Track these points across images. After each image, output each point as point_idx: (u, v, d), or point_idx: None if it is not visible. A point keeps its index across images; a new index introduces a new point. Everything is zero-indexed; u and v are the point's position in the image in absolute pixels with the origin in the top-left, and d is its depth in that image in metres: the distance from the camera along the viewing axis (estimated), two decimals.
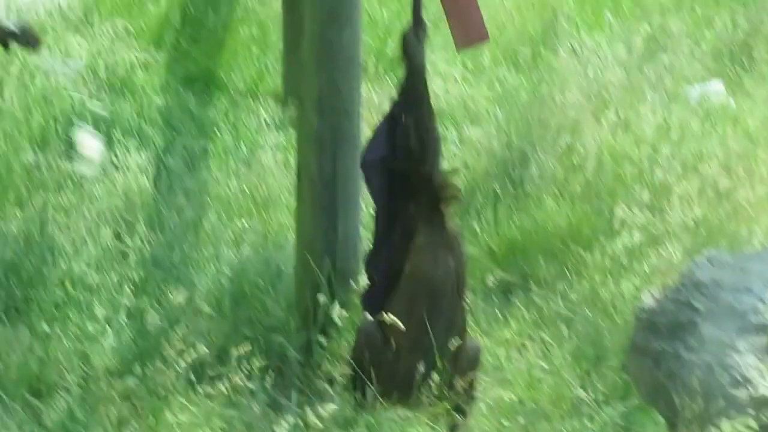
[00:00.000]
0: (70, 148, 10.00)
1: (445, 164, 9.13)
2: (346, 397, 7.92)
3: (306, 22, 8.45)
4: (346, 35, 8.41)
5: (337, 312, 8.01)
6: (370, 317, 8.03)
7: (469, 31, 8.27)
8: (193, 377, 7.77)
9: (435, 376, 7.81)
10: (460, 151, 9.91)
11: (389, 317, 7.84)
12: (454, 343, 7.89)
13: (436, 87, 10.71)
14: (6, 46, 8.22)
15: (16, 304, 8.58)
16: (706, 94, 10.48)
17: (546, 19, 11.63)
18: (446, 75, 11.04)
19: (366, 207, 8.76)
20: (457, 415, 7.90)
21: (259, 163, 9.98)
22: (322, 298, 8.17)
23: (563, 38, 11.14)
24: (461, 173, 9.40)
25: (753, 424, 6.94)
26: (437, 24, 10.58)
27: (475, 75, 11.02)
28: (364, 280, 8.17)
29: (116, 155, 10.02)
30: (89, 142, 10.07)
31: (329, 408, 7.58)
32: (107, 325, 8.36)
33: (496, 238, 9.05)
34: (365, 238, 8.60)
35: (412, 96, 8.00)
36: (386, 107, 8.15)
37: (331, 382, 8.02)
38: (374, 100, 8.35)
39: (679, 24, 11.47)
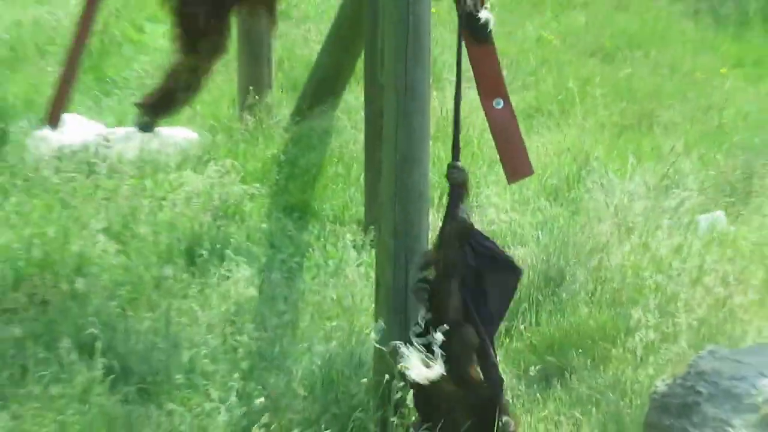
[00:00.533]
0: (191, 264, 10.29)
1: None
2: None
3: (384, 163, 8.61)
4: (416, 174, 8.44)
5: (409, 396, 7.93)
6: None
7: (517, 167, 8.58)
8: None
9: None
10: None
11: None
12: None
13: (491, 215, 10.99)
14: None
15: (147, 387, 8.79)
16: (711, 222, 10.60)
17: (580, 161, 11.70)
18: (498, 205, 11.10)
19: None
20: None
21: (345, 276, 10.05)
22: (395, 383, 8.04)
23: (594, 176, 11.18)
24: None
25: None
26: (492, 165, 10.84)
27: (521, 205, 11.18)
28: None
29: (229, 269, 10.17)
30: None
31: None
32: (221, 405, 8.51)
33: (537, 336, 9.36)
34: None
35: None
36: None
37: None
38: (437, 224, 8.35)
39: (689, 164, 11.53)
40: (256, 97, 13.09)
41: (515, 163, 8.51)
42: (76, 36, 8.85)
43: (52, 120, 9.09)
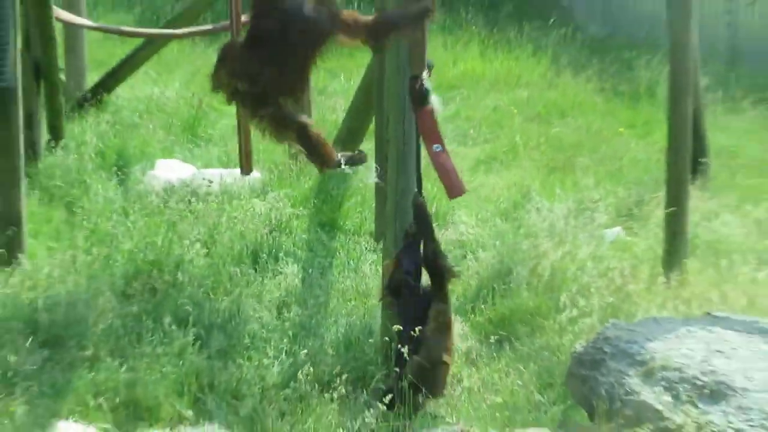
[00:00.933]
0: (255, 263, 10.21)
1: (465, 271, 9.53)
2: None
3: (388, 192, 8.61)
4: (408, 200, 8.29)
5: (405, 352, 7.67)
6: None
7: (454, 189, 8.41)
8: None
9: None
10: (474, 265, 10.00)
11: None
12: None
13: (461, 229, 10.95)
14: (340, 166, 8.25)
15: (223, 348, 8.72)
16: (613, 235, 10.57)
17: (522, 192, 11.68)
18: (466, 222, 11.02)
19: None
20: None
21: (361, 271, 10.05)
22: (395, 346, 7.90)
23: (532, 203, 11.12)
24: (475, 277, 9.64)
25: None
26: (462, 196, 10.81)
27: (482, 222, 11.08)
28: None
29: (281, 267, 10.12)
30: None
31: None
32: (274, 360, 8.47)
33: (493, 313, 9.25)
34: None
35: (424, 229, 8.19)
36: None
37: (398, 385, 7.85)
38: None
39: (598, 194, 11.51)
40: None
41: (452, 187, 8.33)
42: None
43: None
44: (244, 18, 9.52)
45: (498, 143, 13.87)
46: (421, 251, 8.21)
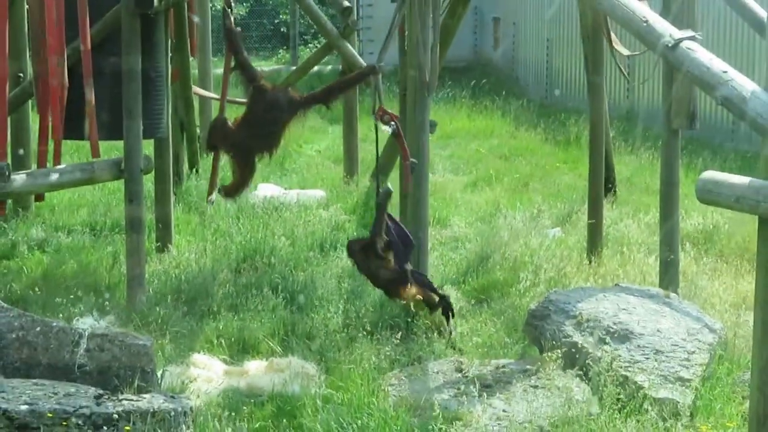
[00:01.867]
0: (321, 251, 10.08)
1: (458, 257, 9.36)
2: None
3: (408, 203, 8.35)
4: (423, 209, 8.23)
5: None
6: None
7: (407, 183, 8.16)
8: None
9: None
10: (464, 252, 9.87)
11: None
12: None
13: (455, 229, 10.86)
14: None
15: (301, 306, 8.58)
16: (554, 233, 10.46)
17: (495, 206, 11.63)
18: (459, 224, 10.93)
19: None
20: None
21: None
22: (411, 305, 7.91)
23: (501, 213, 11.05)
24: (465, 260, 9.51)
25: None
26: (457, 206, 10.66)
27: (469, 224, 10.97)
28: None
29: (338, 254, 9.94)
30: None
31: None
32: (334, 314, 8.32)
33: (476, 283, 9.06)
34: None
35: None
36: None
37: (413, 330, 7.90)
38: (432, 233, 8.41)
39: (546, 208, 11.46)
40: (349, 176, 13.01)
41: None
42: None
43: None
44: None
45: (479, 174, 13.78)
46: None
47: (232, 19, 8.12)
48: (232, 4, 8.14)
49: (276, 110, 7.88)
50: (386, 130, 8.07)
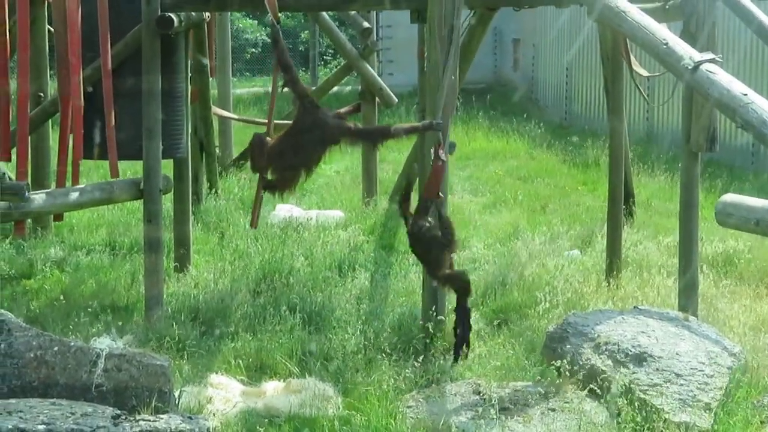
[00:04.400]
0: (340, 272, 10.08)
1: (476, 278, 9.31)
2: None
3: None
4: None
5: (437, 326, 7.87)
6: None
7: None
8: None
9: None
10: (483, 273, 9.78)
11: None
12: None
13: (474, 250, 10.76)
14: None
15: (318, 327, 8.56)
16: (572, 255, 10.43)
17: (514, 227, 11.59)
18: (478, 246, 10.84)
19: None
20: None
21: (408, 278, 9.78)
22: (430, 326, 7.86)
23: (520, 234, 11.06)
24: (483, 281, 9.48)
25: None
26: (476, 228, 10.65)
27: (488, 246, 10.88)
28: None
29: (356, 274, 9.96)
30: None
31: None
32: (352, 335, 8.25)
33: (495, 304, 9.04)
34: None
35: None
36: None
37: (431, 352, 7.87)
38: None
39: (563, 229, 11.47)
40: (368, 197, 13.02)
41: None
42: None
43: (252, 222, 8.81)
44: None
45: (497, 195, 13.77)
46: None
47: (281, 34, 7.96)
48: (280, 20, 8.04)
49: (321, 130, 7.78)
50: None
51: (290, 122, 8.29)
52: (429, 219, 7.53)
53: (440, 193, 7.65)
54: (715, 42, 8.23)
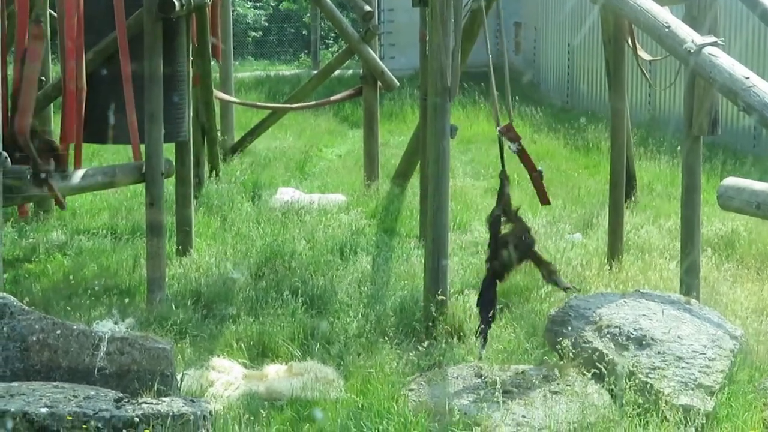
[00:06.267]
0: (341, 255, 10.05)
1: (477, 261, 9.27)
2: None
3: (428, 208, 8.33)
4: (442, 215, 8.10)
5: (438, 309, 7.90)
6: None
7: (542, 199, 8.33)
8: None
9: None
10: (484, 257, 9.76)
11: None
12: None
13: (476, 234, 10.72)
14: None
15: (321, 310, 8.58)
16: (575, 238, 10.42)
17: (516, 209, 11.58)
18: (479, 229, 10.73)
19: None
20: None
21: (410, 262, 9.80)
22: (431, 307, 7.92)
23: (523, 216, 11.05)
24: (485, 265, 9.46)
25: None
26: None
27: None
28: None
29: (358, 258, 9.95)
30: None
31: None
32: (354, 318, 8.28)
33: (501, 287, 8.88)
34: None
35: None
36: None
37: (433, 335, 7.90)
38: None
39: (565, 213, 11.47)
40: (370, 181, 13.00)
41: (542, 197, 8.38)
42: None
43: None
44: None
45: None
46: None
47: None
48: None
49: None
50: (511, 148, 8.03)
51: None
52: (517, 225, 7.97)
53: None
54: (717, 25, 8.20)
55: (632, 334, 6.95)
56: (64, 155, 8.57)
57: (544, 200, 8.26)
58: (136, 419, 5.67)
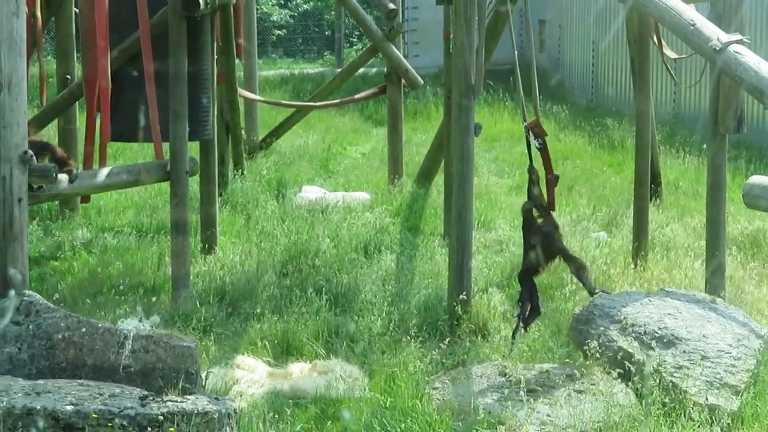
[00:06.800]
0: (366, 254, 10.05)
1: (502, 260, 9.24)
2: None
3: (453, 207, 8.34)
4: (467, 214, 8.05)
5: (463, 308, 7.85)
6: None
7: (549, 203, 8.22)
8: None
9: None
10: (509, 255, 9.86)
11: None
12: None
13: (500, 232, 10.78)
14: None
15: (345, 308, 8.57)
16: (599, 237, 10.39)
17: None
18: (504, 228, 10.85)
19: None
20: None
21: (435, 260, 9.77)
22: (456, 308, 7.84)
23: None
24: (509, 263, 9.43)
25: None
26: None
27: (514, 227, 10.71)
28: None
29: (382, 256, 9.92)
30: None
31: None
32: (378, 317, 8.31)
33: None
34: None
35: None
36: None
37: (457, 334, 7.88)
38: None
39: (589, 211, 11.44)
40: (394, 179, 12.99)
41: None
42: None
43: None
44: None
45: (523, 176, 13.25)
46: None
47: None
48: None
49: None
50: (535, 143, 8.02)
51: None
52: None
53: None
54: (743, 23, 8.15)
55: (657, 333, 6.91)
56: (63, 157, 8.55)
57: (551, 205, 8.17)
58: (161, 417, 5.70)
